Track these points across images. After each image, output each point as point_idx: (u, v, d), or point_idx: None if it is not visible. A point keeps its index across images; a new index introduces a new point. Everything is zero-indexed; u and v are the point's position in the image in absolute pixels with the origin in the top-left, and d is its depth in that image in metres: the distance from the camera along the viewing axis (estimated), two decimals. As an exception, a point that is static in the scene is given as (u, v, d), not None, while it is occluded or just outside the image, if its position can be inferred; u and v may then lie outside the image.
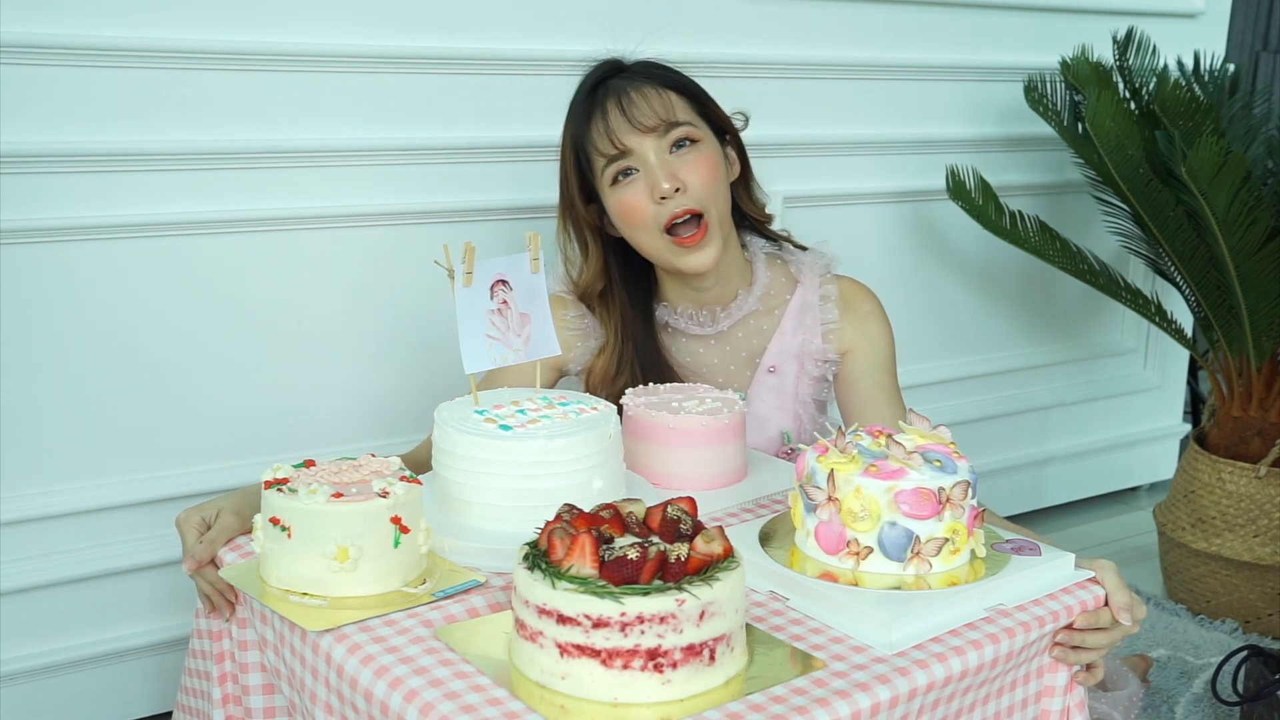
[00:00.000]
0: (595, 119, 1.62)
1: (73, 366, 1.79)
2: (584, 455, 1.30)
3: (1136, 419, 3.03)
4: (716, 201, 1.64)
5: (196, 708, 1.40)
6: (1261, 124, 2.43)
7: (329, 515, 1.16)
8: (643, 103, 1.61)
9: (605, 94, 1.63)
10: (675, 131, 1.62)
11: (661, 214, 1.61)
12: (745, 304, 1.73)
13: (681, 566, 1.01)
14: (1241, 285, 2.24)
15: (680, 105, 1.64)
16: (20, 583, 1.81)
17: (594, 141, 1.62)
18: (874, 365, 1.74)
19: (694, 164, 1.62)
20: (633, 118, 1.60)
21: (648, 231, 1.63)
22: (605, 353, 1.71)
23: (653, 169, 1.61)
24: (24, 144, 1.70)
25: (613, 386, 1.69)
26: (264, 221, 1.88)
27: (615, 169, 1.62)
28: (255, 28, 1.82)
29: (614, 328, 1.71)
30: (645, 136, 1.60)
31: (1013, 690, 1.20)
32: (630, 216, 1.63)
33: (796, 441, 1.74)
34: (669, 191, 1.59)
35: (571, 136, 1.66)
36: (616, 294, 1.72)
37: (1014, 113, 2.58)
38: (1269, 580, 2.36)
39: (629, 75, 1.65)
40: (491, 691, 1.02)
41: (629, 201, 1.62)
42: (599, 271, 1.71)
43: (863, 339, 1.74)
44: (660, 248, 1.64)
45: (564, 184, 1.70)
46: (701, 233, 1.63)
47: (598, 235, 1.70)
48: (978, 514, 1.23)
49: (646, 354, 1.71)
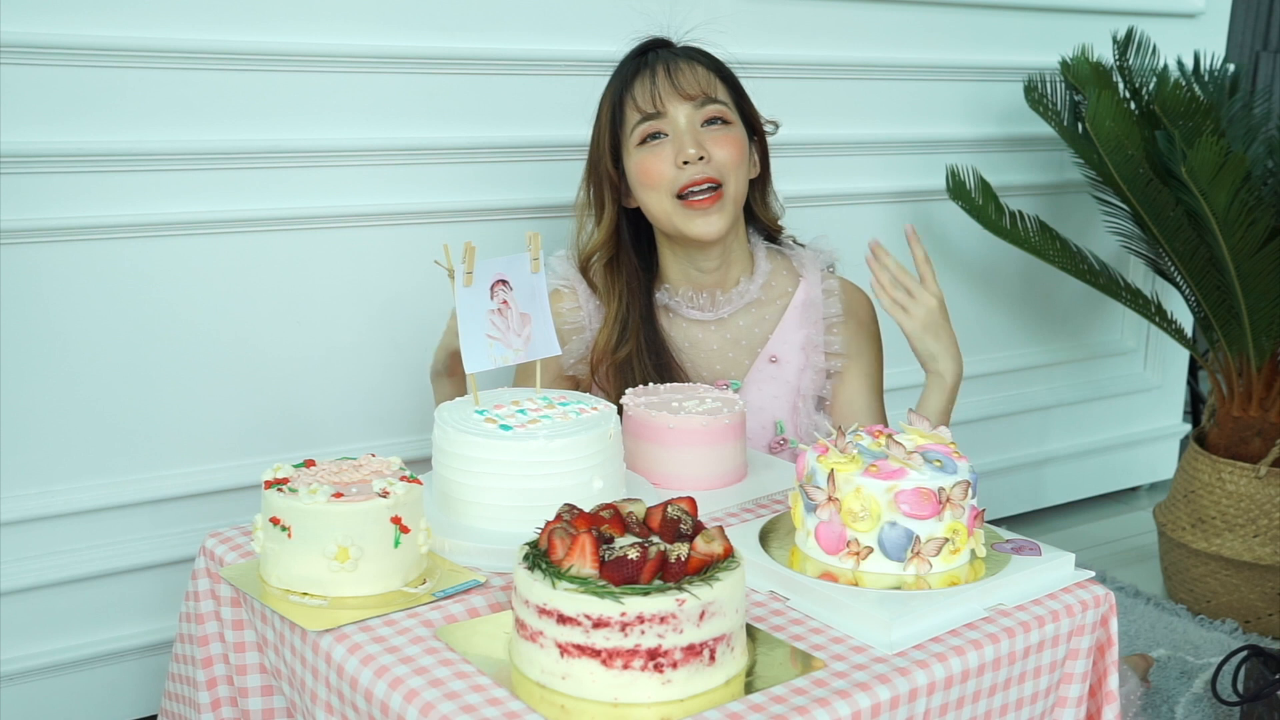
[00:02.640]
0: (641, 77, 1.69)
1: (73, 366, 1.79)
2: (584, 455, 1.30)
3: (1136, 419, 3.03)
4: (736, 180, 1.70)
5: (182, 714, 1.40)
6: (1261, 124, 2.43)
7: (329, 515, 1.16)
8: (689, 72, 1.68)
9: (655, 58, 1.70)
10: (711, 107, 1.68)
11: (679, 178, 1.66)
12: (747, 292, 1.76)
13: (681, 566, 1.01)
14: (1241, 285, 2.24)
15: (720, 87, 1.71)
16: (20, 583, 1.81)
17: (634, 96, 1.68)
18: (861, 375, 1.79)
19: (722, 140, 1.68)
20: (677, 82, 1.67)
21: (660, 193, 1.68)
22: (607, 324, 1.74)
23: (681, 134, 1.66)
24: (24, 144, 1.70)
25: (615, 355, 1.71)
26: (264, 221, 1.88)
27: (646, 129, 1.68)
28: (255, 28, 1.82)
29: (618, 294, 1.74)
30: (683, 103, 1.67)
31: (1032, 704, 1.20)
32: (647, 178, 1.68)
33: (790, 434, 1.75)
34: (693, 157, 1.65)
35: (612, 93, 1.72)
36: (625, 262, 1.75)
37: (1014, 113, 2.58)
38: (1269, 580, 2.36)
39: (677, 50, 1.73)
40: (491, 691, 1.02)
41: (650, 163, 1.67)
42: (610, 236, 1.75)
43: (856, 354, 1.78)
44: (669, 210, 1.68)
45: (595, 141, 1.75)
46: (714, 198, 1.67)
47: (615, 199, 1.74)
48: (977, 514, 1.23)
49: (650, 325, 1.73)
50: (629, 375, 1.69)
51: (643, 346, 1.70)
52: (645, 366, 1.70)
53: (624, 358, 1.70)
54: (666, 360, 1.73)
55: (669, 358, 1.73)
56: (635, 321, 1.72)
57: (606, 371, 1.72)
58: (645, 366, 1.70)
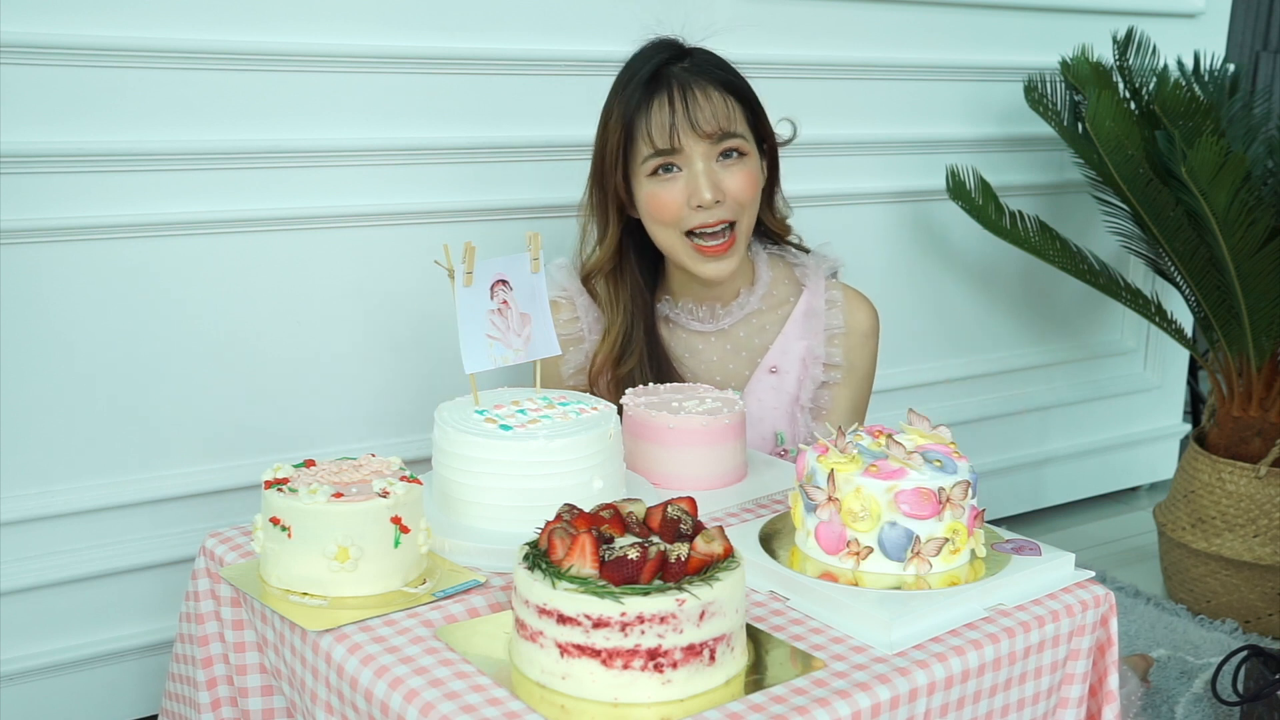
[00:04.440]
0: (656, 107, 1.61)
1: (73, 366, 1.79)
2: (584, 455, 1.30)
3: (1136, 419, 3.03)
4: (749, 214, 1.66)
5: (182, 714, 1.40)
6: (1261, 124, 2.43)
7: (329, 515, 1.16)
8: (707, 106, 1.61)
9: (670, 83, 1.62)
10: (728, 142, 1.63)
11: (691, 219, 1.62)
12: (747, 303, 1.74)
13: (681, 566, 1.01)
14: (1241, 285, 2.24)
15: (738, 114, 1.64)
16: (20, 583, 1.81)
17: (649, 130, 1.62)
18: (848, 388, 1.78)
19: (738, 174, 1.63)
20: (695, 119, 1.60)
21: (670, 229, 1.65)
22: (609, 336, 1.72)
23: (698, 175, 1.61)
24: (24, 144, 1.70)
25: (618, 369, 1.69)
26: (264, 221, 1.88)
27: (659, 162, 1.62)
28: (255, 28, 1.82)
29: (622, 307, 1.71)
30: (700, 141, 1.61)
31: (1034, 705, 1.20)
32: (659, 212, 1.64)
33: (790, 444, 1.75)
34: (709, 202, 1.61)
35: (623, 114, 1.64)
36: (629, 274, 1.72)
37: (1014, 113, 2.58)
38: (1269, 580, 2.36)
39: (693, 68, 1.64)
40: (491, 691, 1.03)
41: (663, 198, 1.63)
42: (614, 249, 1.71)
43: (849, 368, 1.77)
44: (678, 248, 1.65)
45: (600, 154, 1.69)
46: (729, 244, 1.64)
47: (620, 213, 1.70)
48: (977, 514, 1.23)
49: (652, 337, 1.72)
50: (631, 387, 1.69)
51: (645, 360, 1.69)
52: (647, 379, 1.69)
53: (626, 372, 1.69)
54: (667, 371, 1.72)
55: (669, 368, 1.72)
56: (639, 336, 1.70)
57: (607, 385, 1.72)
58: (647, 379, 1.69)
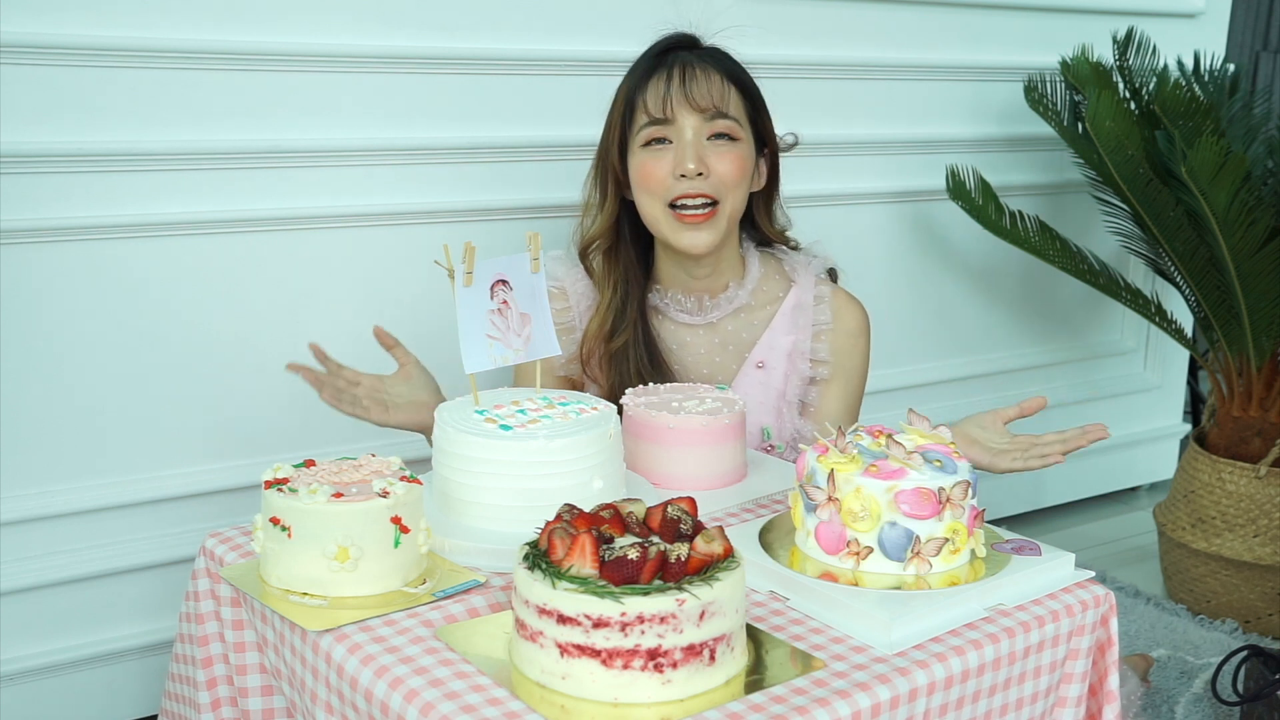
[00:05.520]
0: (656, 78, 1.67)
1: (73, 366, 1.79)
2: (584, 455, 1.30)
3: (1136, 419, 3.03)
4: (733, 198, 1.69)
5: (182, 714, 1.40)
6: (1261, 124, 2.43)
7: (329, 515, 1.16)
8: (705, 83, 1.66)
9: (673, 60, 1.68)
10: (721, 122, 1.67)
11: (674, 189, 1.66)
12: (736, 297, 1.76)
13: (681, 566, 1.01)
14: (1241, 285, 2.24)
15: (736, 102, 1.69)
16: (20, 583, 1.81)
17: (645, 97, 1.67)
18: (840, 387, 1.78)
19: (725, 156, 1.66)
20: (690, 90, 1.65)
21: (653, 198, 1.67)
22: (601, 309, 1.74)
23: (685, 146, 1.65)
24: (24, 144, 1.70)
25: (610, 344, 1.70)
26: (264, 221, 1.88)
27: (651, 133, 1.67)
28: (256, 28, 1.82)
29: (614, 283, 1.74)
30: (693, 114, 1.65)
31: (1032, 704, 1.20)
32: (645, 181, 1.67)
33: (776, 440, 1.76)
34: (691, 172, 1.64)
35: (627, 87, 1.71)
36: (623, 253, 1.75)
37: (1014, 113, 2.58)
38: (1269, 580, 2.36)
39: (700, 53, 1.70)
40: (491, 691, 1.02)
41: (650, 167, 1.67)
42: (610, 225, 1.75)
43: (839, 366, 1.77)
44: (659, 217, 1.68)
45: (606, 132, 1.74)
46: (707, 215, 1.66)
47: (618, 190, 1.74)
48: (977, 514, 1.23)
49: (646, 319, 1.74)
50: (623, 366, 1.70)
51: (638, 337, 1.71)
52: (640, 357, 1.70)
53: (620, 346, 1.70)
54: (658, 352, 1.73)
55: (661, 350, 1.74)
56: (632, 311, 1.73)
57: (600, 361, 1.73)
58: (640, 357, 1.70)
